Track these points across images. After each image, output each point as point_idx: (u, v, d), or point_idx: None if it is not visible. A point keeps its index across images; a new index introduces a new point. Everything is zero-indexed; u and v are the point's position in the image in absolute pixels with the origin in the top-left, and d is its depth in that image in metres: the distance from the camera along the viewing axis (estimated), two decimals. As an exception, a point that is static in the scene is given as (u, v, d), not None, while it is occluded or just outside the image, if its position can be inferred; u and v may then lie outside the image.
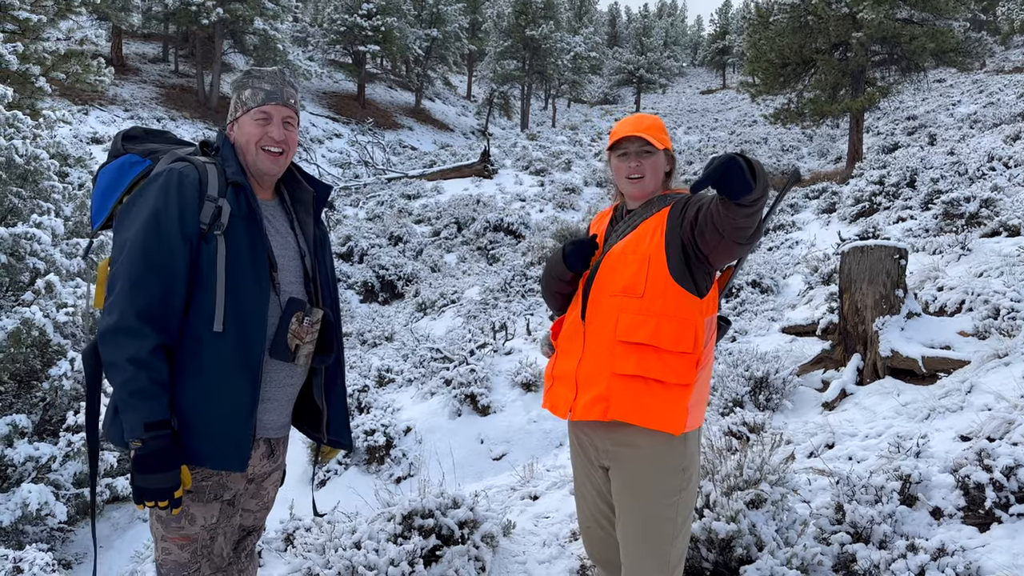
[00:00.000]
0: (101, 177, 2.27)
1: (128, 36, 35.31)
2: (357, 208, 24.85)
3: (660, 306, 2.32)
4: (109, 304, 2.02)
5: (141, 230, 2.03)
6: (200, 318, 2.06)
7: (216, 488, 2.15)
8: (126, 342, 1.97)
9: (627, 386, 2.32)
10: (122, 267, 2.02)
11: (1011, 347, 5.21)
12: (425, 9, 47.22)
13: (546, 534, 4.10)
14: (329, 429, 2.39)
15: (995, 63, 37.13)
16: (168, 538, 2.14)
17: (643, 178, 2.46)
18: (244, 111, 2.24)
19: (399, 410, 7.54)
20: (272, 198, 2.35)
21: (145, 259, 2.01)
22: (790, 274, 11.49)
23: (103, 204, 2.26)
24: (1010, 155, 13.33)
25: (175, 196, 2.07)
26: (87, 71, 17.04)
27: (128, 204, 2.12)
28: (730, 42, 74.26)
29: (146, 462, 1.98)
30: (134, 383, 1.96)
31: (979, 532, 3.17)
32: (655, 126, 2.48)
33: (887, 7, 19.89)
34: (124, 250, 2.04)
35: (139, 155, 2.26)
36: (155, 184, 2.09)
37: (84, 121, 24.75)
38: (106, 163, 2.29)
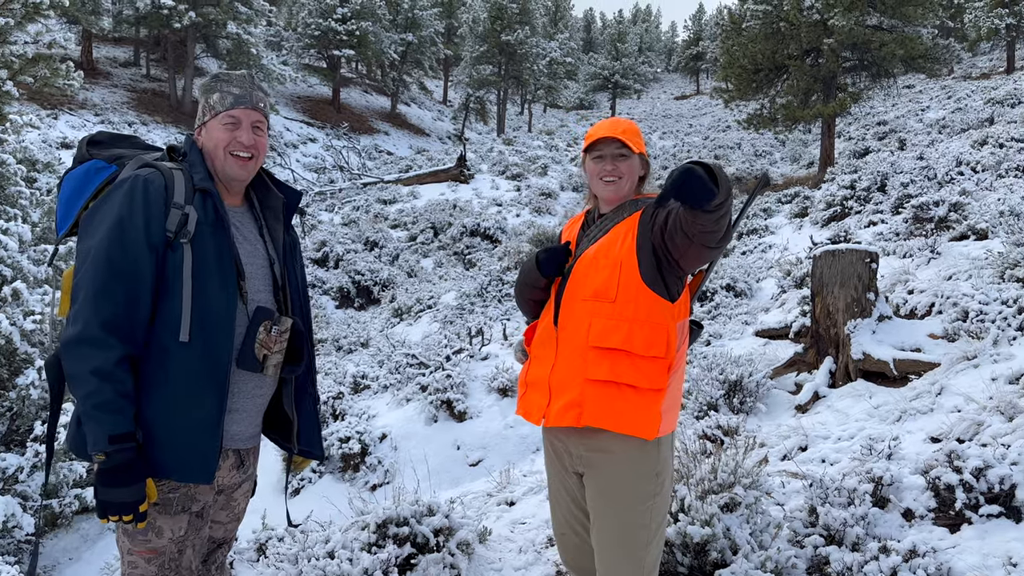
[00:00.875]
0: (66, 183, 2.22)
1: (98, 40, 34.82)
2: (332, 213, 24.69)
3: (632, 311, 2.33)
4: (73, 314, 1.97)
5: (105, 238, 1.99)
6: (166, 328, 2.02)
7: (184, 500, 2.10)
8: (90, 353, 1.92)
9: (600, 392, 2.32)
10: (86, 276, 1.97)
11: (980, 349, 5.29)
12: (400, 14, 47.11)
13: (522, 540, 4.08)
14: (300, 439, 2.36)
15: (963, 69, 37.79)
16: (135, 551, 2.09)
17: (617, 181, 2.46)
18: (212, 115, 2.21)
19: (374, 417, 7.49)
20: (241, 204, 2.31)
21: (109, 268, 1.97)
22: (763, 278, 11.58)
23: (68, 211, 2.20)
24: (978, 160, 13.55)
25: (140, 203, 2.03)
26: (56, 75, 16.76)
27: (92, 211, 2.08)
28: (703, 48, 74.88)
29: (110, 476, 1.93)
30: (98, 395, 1.91)
31: (950, 533, 3.21)
32: (631, 130, 2.48)
33: (857, 14, 20.16)
34: (88, 258, 1.99)
35: (104, 161, 2.21)
36: (120, 191, 2.05)
37: (53, 126, 24.37)
38: (71, 169, 2.23)
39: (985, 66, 37.88)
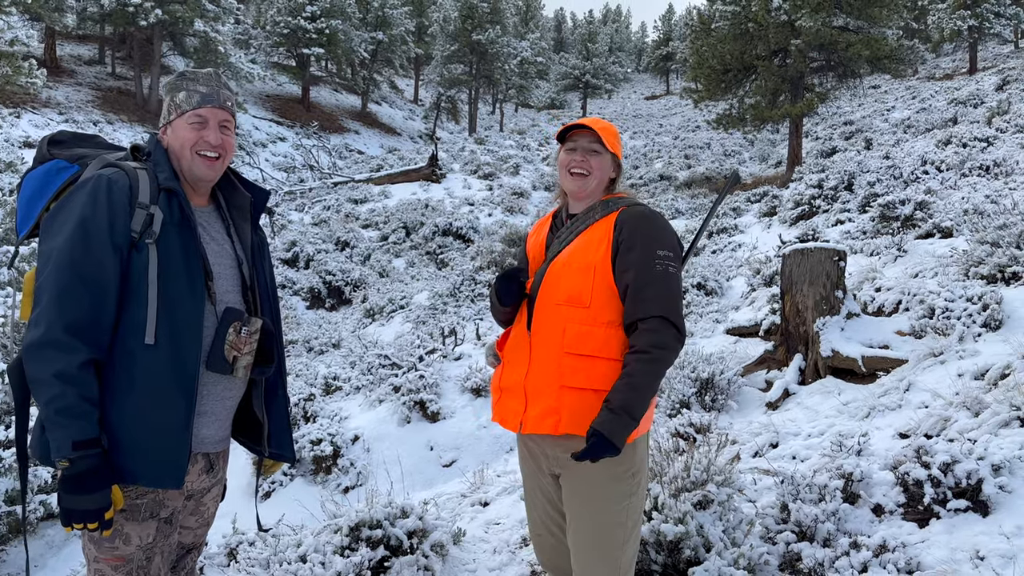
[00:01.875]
0: (26, 184, 2.17)
1: (62, 37, 34.17)
2: (302, 213, 24.48)
3: (607, 316, 2.32)
4: (35, 317, 1.92)
5: (68, 239, 1.94)
6: (131, 331, 1.98)
7: (152, 506, 2.06)
8: (53, 356, 1.87)
9: (578, 399, 2.31)
10: (49, 278, 1.92)
11: (946, 346, 5.38)
12: (370, 12, 46.80)
13: (497, 541, 4.07)
14: (270, 442, 2.33)
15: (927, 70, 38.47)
16: (101, 559, 2.04)
17: (585, 176, 2.43)
18: (178, 114, 2.16)
19: (346, 419, 7.43)
20: (207, 204, 2.27)
21: (73, 269, 1.92)
22: (733, 276, 11.68)
23: (28, 212, 2.15)
24: (942, 159, 13.79)
25: (104, 203, 1.98)
26: (18, 73, 16.47)
27: (54, 212, 2.03)
28: (673, 48, 75.40)
29: (74, 482, 1.88)
30: (61, 400, 1.86)
31: (919, 528, 3.25)
32: (609, 129, 2.47)
33: (824, 15, 20.42)
34: (50, 260, 1.94)
35: (66, 160, 2.17)
36: (82, 191, 2.00)
37: (16, 125, 23.87)
38: (31, 169, 2.18)
39: (948, 67, 38.60)
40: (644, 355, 2.23)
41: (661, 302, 2.27)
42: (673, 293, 2.31)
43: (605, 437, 2.16)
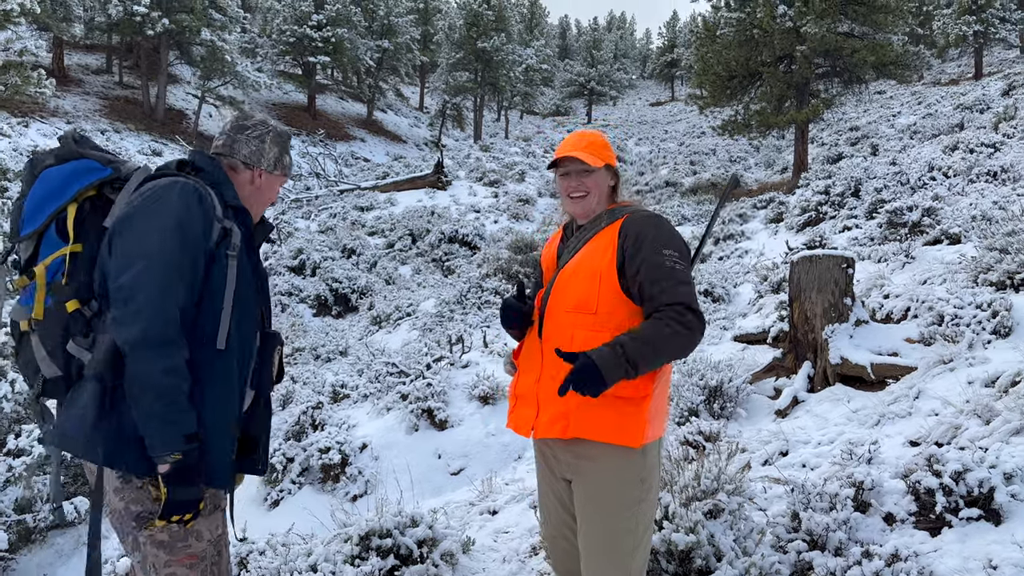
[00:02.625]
0: (44, 180, 2.12)
1: (70, 47, 34.39)
2: (309, 221, 24.54)
3: (614, 321, 2.35)
4: (129, 313, 1.92)
5: (167, 238, 1.99)
6: (202, 334, 2.05)
7: (213, 499, 2.14)
8: (164, 352, 1.93)
9: (586, 403, 2.32)
10: (146, 275, 1.94)
11: (955, 353, 5.36)
12: (376, 20, 47.01)
13: (506, 550, 4.07)
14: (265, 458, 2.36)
15: (932, 75, 38.45)
16: (174, 561, 2.07)
17: (585, 196, 2.49)
18: (281, 174, 2.38)
19: (354, 426, 7.43)
20: None
21: (174, 268, 1.97)
22: (740, 283, 11.66)
23: (41, 208, 2.10)
24: (949, 165, 13.76)
25: (197, 210, 2.05)
26: (27, 82, 16.58)
27: (138, 211, 2.03)
28: (678, 55, 75.54)
29: (182, 475, 1.96)
30: (172, 394, 1.93)
31: (931, 537, 3.24)
32: (594, 143, 2.51)
33: (829, 21, 20.44)
34: (144, 257, 1.96)
35: (98, 162, 2.14)
36: (173, 193, 2.04)
37: (24, 134, 24.00)
38: (49, 164, 2.13)
39: (954, 72, 38.57)
40: (663, 322, 2.24)
41: (676, 291, 2.28)
42: (687, 283, 2.32)
43: (595, 365, 2.14)
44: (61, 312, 2.05)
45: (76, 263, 2.07)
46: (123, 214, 2.04)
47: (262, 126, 2.31)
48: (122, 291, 1.95)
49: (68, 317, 2.04)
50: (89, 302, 2.06)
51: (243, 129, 2.29)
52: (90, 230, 2.09)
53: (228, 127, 2.31)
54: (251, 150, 2.29)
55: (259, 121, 2.33)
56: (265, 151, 2.30)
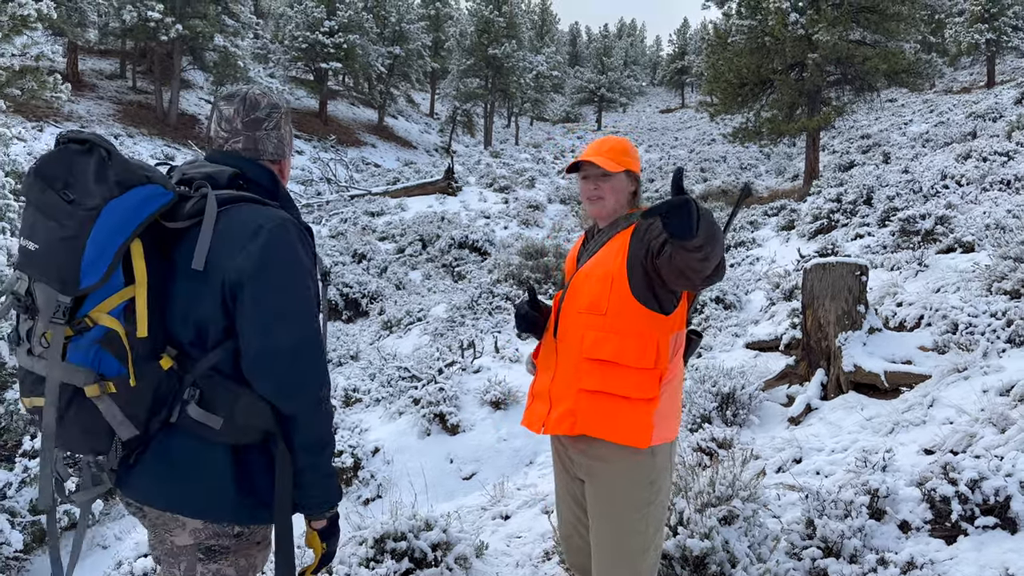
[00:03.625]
0: (115, 212, 1.70)
1: (84, 52, 34.68)
2: (320, 225, 24.63)
3: (622, 324, 2.38)
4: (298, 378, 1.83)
5: (306, 292, 1.90)
6: None
7: (270, 531, 2.07)
8: (328, 411, 1.92)
9: (592, 401, 2.39)
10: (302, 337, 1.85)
11: (970, 361, 5.35)
12: (387, 27, 47.24)
13: (519, 554, 4.08)
14: None
15: (944, 83, 38.30)
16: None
17: (602, 199, 2.53)
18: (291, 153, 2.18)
19: (367, 430, 7.46)
20: None
21: (317, 321, 1.92)
22: (752, 290, 11.64)
23: (106, 248, 1.70)
24: (962, 173, 13.72)
25: (308, 251, 1.95)
26: (42, 87, 16.72)
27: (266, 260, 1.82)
28: (689, 62, 75.55)
29: (337, 525, 1.99)
30: (333, 450, 1.93)
31: (946, 545, 3.23)
32: (615, 149, 2.55)
33: (841, 29, 20.42)
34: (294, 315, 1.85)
35: (163, 185, 1.80)
36: (293, 238, 1.89)
37: (39, 138, 24.21)
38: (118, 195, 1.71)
39: (966, 80, 38.43)
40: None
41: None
42: None
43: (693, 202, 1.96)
44: (154, 371, 1.79)
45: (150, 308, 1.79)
46: (252, 264, 1.79)
47: (274, 111, 2.07)
48: (280, 355, 1.81)
49: (163, 375, 1.80)
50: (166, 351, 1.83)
51: (259, 123, 2.03)
52: (152, 267, 1.79)
53: (239, 123, 2.01)
54: (275, 144, 2.08)
55: (267, 105, 2.06)
56: (286, 138, 2.12)
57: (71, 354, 1.73)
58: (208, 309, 1.82)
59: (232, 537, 1.91)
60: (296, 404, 1.83)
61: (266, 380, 1.81)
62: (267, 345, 1.79)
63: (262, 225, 1.83)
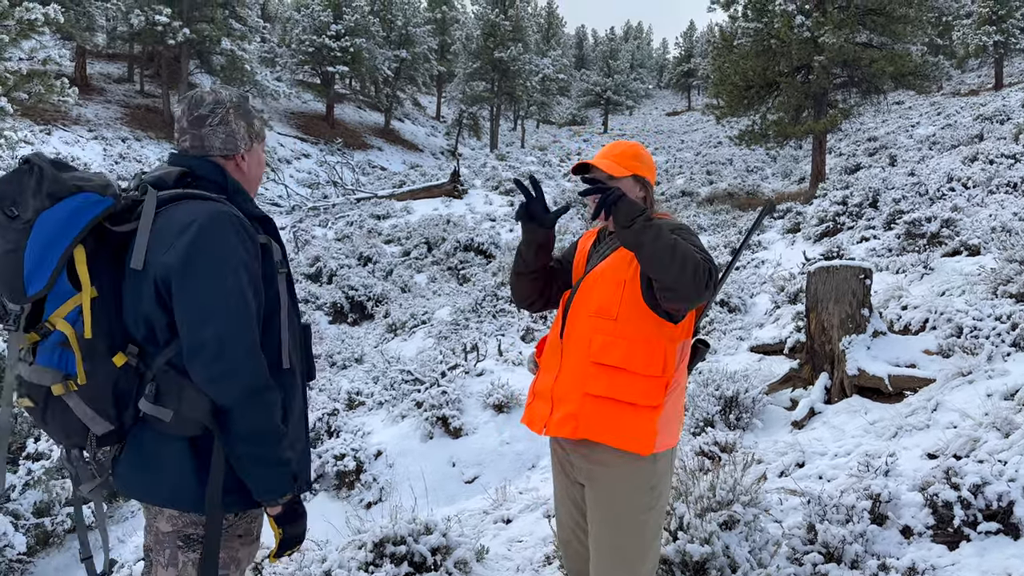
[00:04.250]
0: (47, 224, 1.81)
1: (92, 56, 34.86)
2: (326, 228, 24.69)
3: (632, 330, 2.36)
4: (222, 372, 1.84)
5: (238, 282, 1.89)
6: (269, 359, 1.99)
7: (257, 527, 2.13)
8: (271, 398, 1.91)
9: (597, 406, 2.36)
10: (229, 328, 1.85)
11: (974, 365, 5.31)
12: (394, 31, 47.36)
13: (520, 559, 4.06)
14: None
15: (951, 86, 38.19)
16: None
17: None
18: (258, 141, 2.18)
19: (369, 434, 7.45)
20: None
21: (250, 312, 1.91)
22: (757, 293, 11.61)
23: (44, 257, 1.81)
24: (968, 176, 13.66)
25: (248, 241, 1.94)
26: (50, 91, 16.79)
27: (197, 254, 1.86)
28: (695, 65, 75.53)
29: (293, 512, 2.00)
30: (282, 440, 1.93)
31: (948, 550, 3.21)
32: (624, 153, 2.54)
33: (847, 31, 20.37)
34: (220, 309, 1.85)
35: (96, 192, 1.87)
36: (225, 230, 1.91)
37: (47, 141, 24.35)
38: (49, 205, 1.82)
39: (974, 82, 38.30)
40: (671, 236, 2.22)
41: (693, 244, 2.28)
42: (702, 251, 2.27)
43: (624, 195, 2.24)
44: (108, 369, 1.88)
45: (97, 310, 1.88)
46: (178, 259, 1.85)
47: (218, 106, 2.07)
48: (206, 348, 1.83)
49: (119, 372, 1.89)
50: (126, 349, 1.91)
51: (202, 121, 2.05)
52: (101, 271, 1.90)
53: (185, 123, 2.06)
54: (223, 139, 2.07)
55: (212, 102, 2.07)
56: (237, 132, 2.09)
57: (39, 357, 1.88)
58: (150, 307, 1.89)
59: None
60: (228, 395, 1.85)
61: (197, 372, 1.85)
62: (195, 338, 1.84)
63: (193, 220, 1.89)
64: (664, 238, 2.16)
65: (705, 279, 2.17)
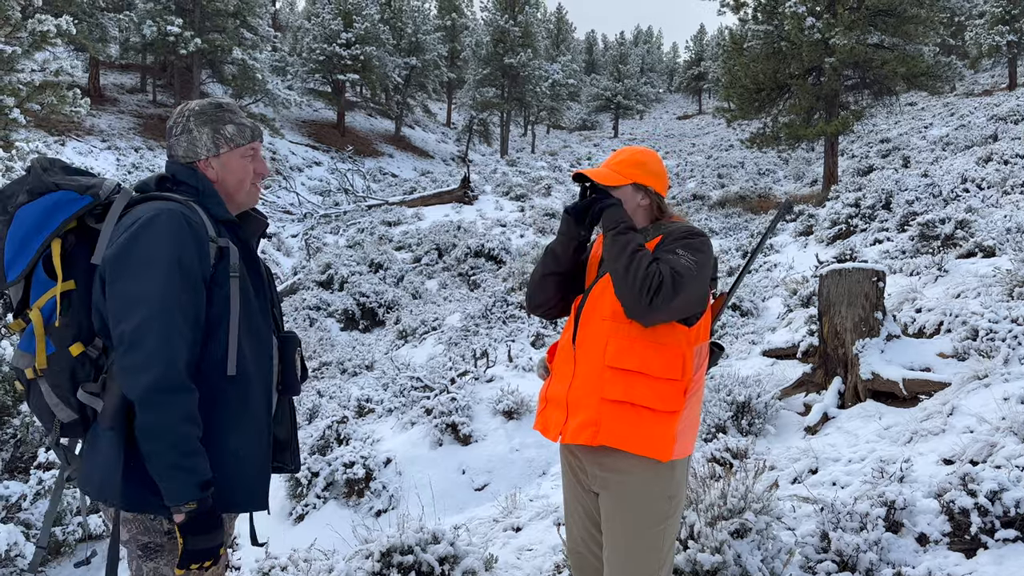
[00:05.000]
0: (22, 218, 1.96)
1: (105, 67, 35.15)
2: (337, 236, 24.77)
3: (649, 334, 2.33)
4: (139, 361, 1.84)
5: (166, 278, 1.89)
6: (212, 365, 1.98)
7: (225, 537, 2.06)
8: (179, 399, 1.86)
9: (616, 411, 2.32)
10: (151, 319, 1.85)
11: (990, 368, 5.22)
12: (404, 38, 47.51)
13: (529, 568, 4.02)
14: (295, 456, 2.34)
15: (965, 86, 37.90)
16: None
17: None
18: (231, 148, 2.17)
19: (379, 441, 7.43)
20: None
21: (178, 309, 1.89)
22: (769, 297, 11.53)
23: (22, 250, 1.95)
24: (983, 177, 13.52)
25: (190, 239, 1.94)
26: (63, 102, 16.92)
27: (127, 249, 1.91)
28: (705, 68, 75.33)
29: (200, 523, 1.89)
30: (187, 443, 1.87)
31: (965, 558, 3.14)
32: (624, 161, 2.52)
33: (858, 33, 20.26)
34: (145, 301, 1.87)
35: (75, 191, 1.98)
36: (162, 227, 1.93)
37: (60, 152, 24.53)
38: (24, 202, 1.96)
39: (987, 83, 38.00)
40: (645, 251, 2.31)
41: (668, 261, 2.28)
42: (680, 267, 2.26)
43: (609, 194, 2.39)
44: (65, 357, 1.94)
45: (70, 302, 1.95)
46: (113, 253, 1.92)
47: (180, 117, 2.15)
48: (124, 339, 1.85)
49: (74, 361, 1.95)
50: (92, 342, 1.97)
51: (170, 131, 2.15)
52: (79, 265, 1.97)
53: (167, 133, 2.19)
54: (184, 147, 2.13)
55: (178, 113, 2.16)
56: (198, 140, 2.13)
57: (20, 342, 2.02)
58: (99, 300, 1.96)
59: (163, 534, 1.98)
60: (134, 389, 1.85)
61: (116, 363, 1.89)
62: (116, 329, 1.88)
63: (139, 217, 1.95)
64: (626, 250, 2.25)
65: (649, 295, 2.20)
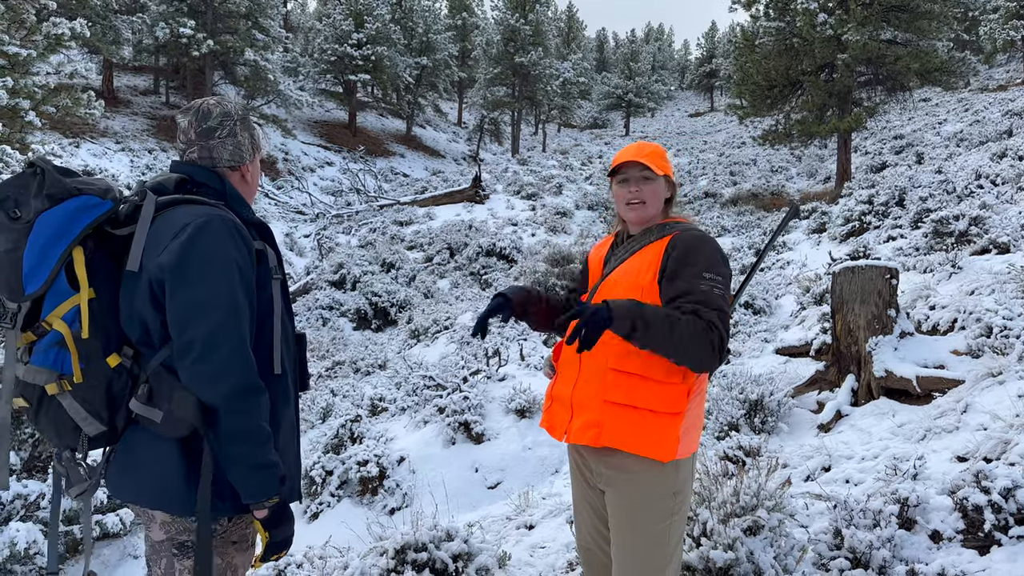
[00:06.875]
0: (47, 225, 1.87)
1: (119, 69, 35.38)
2: (349, 235, 24.85)
3: None
4: (211, 371, 1.85)
5: (230, 284, 1.91)
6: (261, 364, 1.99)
7: (252, 533, 2.11)
8: (260, 400, 1.91)
9: (618, 413, 2.33)
10: (220, 327, 1.86)
11: (1005, 366, 5.20)
12: (415, 38, 47.57)
13: (542, 565, 4.04)
14: None
15: (979, 82, 37.55)
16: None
17: (643, 204, 2.48)
18: (258, 154, 2.23)
19: (392, 440, 7.47)
20: None
21: (242, 314, 1.92)
22: (782, 294, 11.49)
23: (45, 256, 1.87)
24: (997, 172, 13.43)
25: (242, 244, 1.97)
26: (77, 104, 17.05)
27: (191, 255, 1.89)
28: (717, 65, 75.07)
29: (280, 515, 1.98)
30: (267, 441, 1.92)
31: (979, 555, 3.14)
32: (655, 153, 2.50)
33: (871, 28, 20.14)
34: (214, 307, 1.87)
35: (96, 195, 1.93)
36: (218, 231, 1.93)
37: (75, 154, 24.73)
38: (48, 207, 1.88)
39: (1002, 78, 37.63)
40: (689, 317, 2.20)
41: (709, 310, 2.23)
42: (721, 309, 2.27)
43: (607, 306, 2.12)
44: (102, 369, 1.91)
45: (95, 311, 1.91)
46: (172, 261, 1.88)
47: (226, 118, 2.13)
48: (194, 347, 1.84)
49: (112, 373, 1.92)
50: (122, 351, 1.94)
51: (211, 132, 2.11)
52: (100, 273, 1.93)
53: (193, 134, 2.11)
54: (231, 151, 2.13)
55: (220, 114, 2.13)
56: (243, 144, 2.16)
57: (34, 357, 1.92)
58: (145, 308, 1.91)
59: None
60: (215, 395, 1.85)
61: (185, 371, 1.86)
62: (184, 337, 1.86)
63: (188, 223, 1.91)
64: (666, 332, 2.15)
65: (717, 352, 2.20)
